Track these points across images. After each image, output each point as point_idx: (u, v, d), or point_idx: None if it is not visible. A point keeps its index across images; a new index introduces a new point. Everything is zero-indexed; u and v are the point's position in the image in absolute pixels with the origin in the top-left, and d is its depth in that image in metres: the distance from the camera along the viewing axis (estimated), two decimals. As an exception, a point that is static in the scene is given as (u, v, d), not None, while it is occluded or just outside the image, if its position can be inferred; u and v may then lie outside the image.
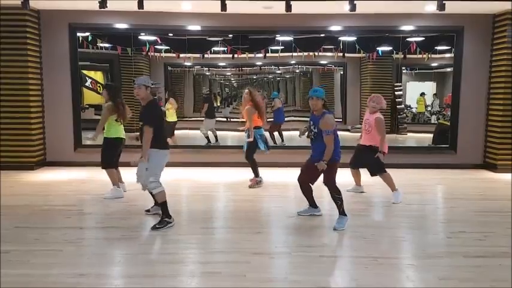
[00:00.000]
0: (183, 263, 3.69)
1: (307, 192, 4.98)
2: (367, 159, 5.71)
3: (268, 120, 7.71)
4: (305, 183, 4.89)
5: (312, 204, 5.06)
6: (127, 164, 4.91)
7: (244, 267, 3.55)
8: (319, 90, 4.67)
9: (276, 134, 8.94)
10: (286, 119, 9.45)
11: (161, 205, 4.62)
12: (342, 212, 4.65)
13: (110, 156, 5.79)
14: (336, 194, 4.64)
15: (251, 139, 6.31)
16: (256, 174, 6.55)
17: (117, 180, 5.85)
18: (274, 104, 9.40)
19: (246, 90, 6.44)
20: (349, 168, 6.03)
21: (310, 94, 4.61)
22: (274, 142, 8.63)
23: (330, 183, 4.63)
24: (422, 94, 10.11)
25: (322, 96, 4.59)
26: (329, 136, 4.48)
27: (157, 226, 4.54)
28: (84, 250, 4.02)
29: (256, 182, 6.50)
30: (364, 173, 5.95)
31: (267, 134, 6.94)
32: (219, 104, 10.79)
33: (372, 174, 5.82)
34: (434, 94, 10.09)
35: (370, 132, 5.69)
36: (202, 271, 3.51)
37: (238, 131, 7.15)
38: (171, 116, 8.74)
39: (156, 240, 4.42)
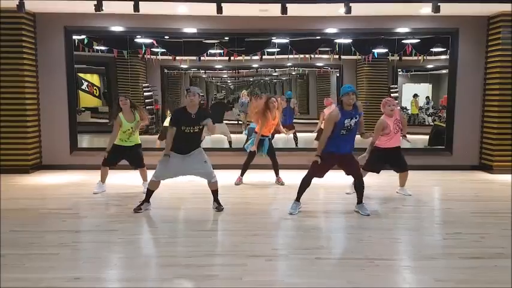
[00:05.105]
0: (179, 266, 3.67)
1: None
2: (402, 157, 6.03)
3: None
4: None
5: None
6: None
7: (241, 270, 3.55)
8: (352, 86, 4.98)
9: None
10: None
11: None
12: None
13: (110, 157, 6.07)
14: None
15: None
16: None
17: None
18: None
19: (273, 99, 6.52)
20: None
21: (349, 90, 4.78)
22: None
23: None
24: (415, 96, 10.15)
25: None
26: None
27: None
28: (80, 253, 4.01)
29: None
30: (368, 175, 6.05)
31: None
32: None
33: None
34: (426, 97, 10.12)
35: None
36: (198, 274, 3.50)
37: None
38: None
39: (152, 243, 4.42)
